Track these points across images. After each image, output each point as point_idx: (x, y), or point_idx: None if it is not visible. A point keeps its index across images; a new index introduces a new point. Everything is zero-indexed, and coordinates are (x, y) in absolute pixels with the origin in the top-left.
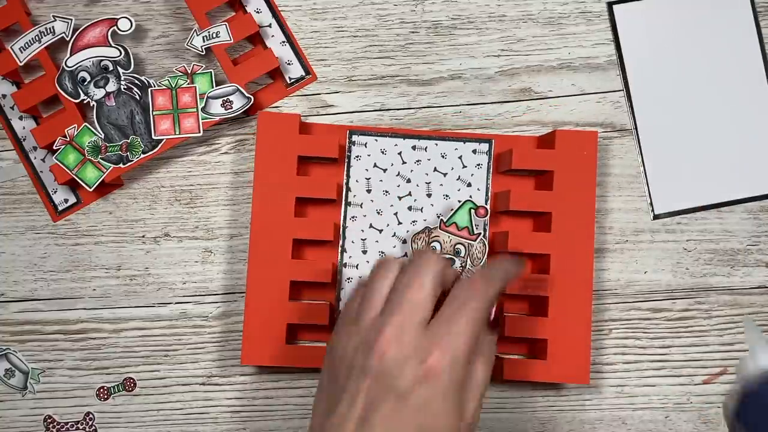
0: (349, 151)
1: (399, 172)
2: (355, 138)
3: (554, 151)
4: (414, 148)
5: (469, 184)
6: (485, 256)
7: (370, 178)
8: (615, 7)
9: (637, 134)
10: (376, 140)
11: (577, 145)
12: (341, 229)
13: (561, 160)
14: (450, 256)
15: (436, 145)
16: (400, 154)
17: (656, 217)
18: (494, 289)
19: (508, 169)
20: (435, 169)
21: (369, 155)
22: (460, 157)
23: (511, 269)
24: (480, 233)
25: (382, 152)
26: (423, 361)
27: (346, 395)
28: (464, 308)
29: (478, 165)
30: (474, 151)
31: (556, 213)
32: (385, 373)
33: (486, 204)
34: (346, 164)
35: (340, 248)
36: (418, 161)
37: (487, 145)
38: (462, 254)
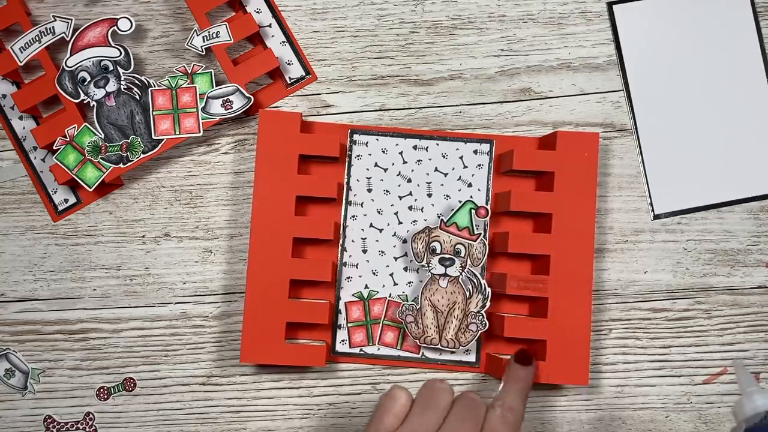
0: (350, 150)
1: (400, 172)
2: (356, 137)
3: (555, 153)
4: (415, 147)
5: (470, 185)
6: (485, 257)
7: (370, 178)
8: (615, 7)
9: (637, 134)
10: (377, 139)
11: (579, 146)
12: (342, 228)
13: (562, 162)
14: (450, 256)
15: (437, 144)
16: (401, 153)
17: (656, 217)
18: (523, 407)
19: (509, 169)
20: (436, 169)
21: (370, 154)
22: (461, 158)
23: (528, 377)
24: (480, 233)
25: (383, 151)
26: None
27: None
28: None
29: (479, 165)
30: (475, 152)
31: (556, 214)
32: None
33: (486, 204)
34: (347, 163)
35: (340, 247)
36: (419, 161)
37: (488, 145)
38: (462, 254)
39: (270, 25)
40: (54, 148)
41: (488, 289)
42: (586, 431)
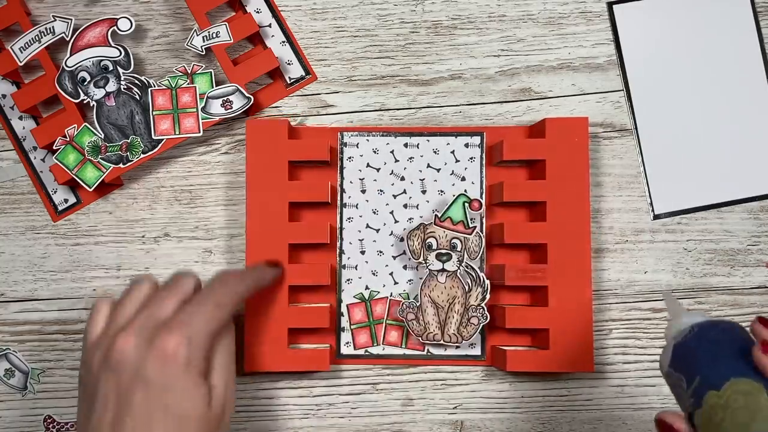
0: (341, 153)
1: (392, 171)
2: (346, 139)
3: (545, 140)
4: (406, 145)
5: (463, 178)
6: (482, 249)
7: (363, 178)
8: (615, 7)
9: (637, 134)
10: (368, 140)
11: (568, 132)
12: (338, 231)
13: (552, 149)
14: (446, 251)
15: (428, 141)
16: (392, 152)
17: (656, 217)
18: (241, 288)
19: (499, 160)
20: (428, 165)
21: (361, 155)
22: (452, 152)
23: (265, 275)
24: (476, 227)
25: (374, 151)
26: (162, 347)
27: (98, 399)
28: (205, 301)
29: (471, 158)
30: (466, 145)
31: (550, 201)
32: (127, 365)
33: (481, 197)
34: (339, 166)
35: (338, 250)
36: (410, 158)
37: (478, 138)
38: (458, 248)
39: (270, 25)
40: (54, 148)
41: (487, 282)
42: (586, 431)
